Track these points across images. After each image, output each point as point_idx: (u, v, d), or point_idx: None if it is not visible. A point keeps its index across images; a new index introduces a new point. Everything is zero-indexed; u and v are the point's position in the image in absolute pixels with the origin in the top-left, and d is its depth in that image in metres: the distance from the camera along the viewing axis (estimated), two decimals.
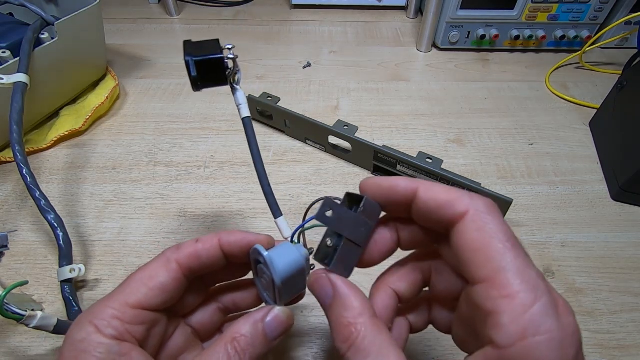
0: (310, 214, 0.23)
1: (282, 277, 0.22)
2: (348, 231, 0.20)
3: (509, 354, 0.15)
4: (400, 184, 0.20)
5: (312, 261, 0.23)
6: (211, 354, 0.20)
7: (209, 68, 0.26)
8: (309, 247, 0.24)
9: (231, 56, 0.26)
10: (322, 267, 0.21)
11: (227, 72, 0.26)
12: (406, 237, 0.22)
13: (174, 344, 0.23)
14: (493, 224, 0.17)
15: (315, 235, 0.23)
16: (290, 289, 0.23)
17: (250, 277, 0.26)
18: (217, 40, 0.26)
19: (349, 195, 0.21)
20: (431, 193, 0.19)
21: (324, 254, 0.21)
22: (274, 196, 0.26)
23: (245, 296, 0.26)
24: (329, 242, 0.21)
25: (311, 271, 0.23)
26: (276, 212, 0.26)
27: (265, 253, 0.22)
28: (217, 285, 0.26)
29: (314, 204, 0.25)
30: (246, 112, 0.27)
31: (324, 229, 0.21)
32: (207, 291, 0.26)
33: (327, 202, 0.20)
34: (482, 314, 0.16)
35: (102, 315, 0.20)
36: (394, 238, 0.22)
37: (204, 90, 0.27)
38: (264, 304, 0.25)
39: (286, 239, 0.25)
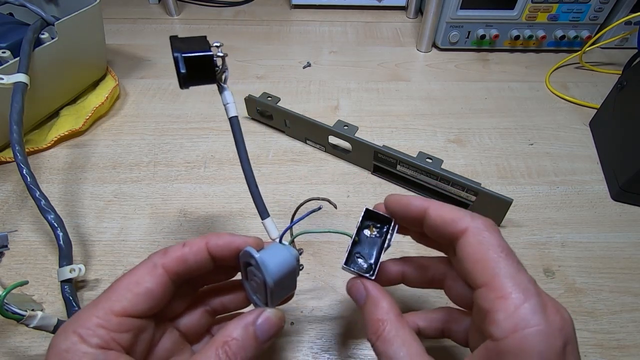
0: (298, 215, 0.25)
1: (274, 278, 0.21)
2: (378, 249, 0.25)
3: (504, 345, 0.17)
4: (413, 202, 0.23)
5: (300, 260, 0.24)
6: (202, 359, 0.20)
7: (198, 65, 0.25)
8: (297, 247, 0.24)
9: (220, 54, 0.25)
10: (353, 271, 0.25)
11: (216, 71, 0.26)
12: (411, 273, 0.26)
13: (162, 348, 0.23)
14: (489, 238, 0.20)
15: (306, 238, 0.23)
16: (282, 290, 0.23)
17: (237, 278, 0.26)
18: (205, 37, 0.26)
19: (367, 211, 0.25)
20: (439, 212, 0.22)
21: (367, 268, 0.25)
22: (261, 197, 0.26)
23: (233, 297, 0.26)
24: (364, 265, 0.25)
25: (351, 279, 0.25)
26: (263, 213, 0.26)
27: (257, 255, 0.21)
28: (205, 287, 0.26)
29: (301, 205, 0.26)
30: (233, 112, 0.27)
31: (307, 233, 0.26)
32: (194, 294, 0.26)
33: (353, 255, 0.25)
34: (482, 313, 0.19)
35: (86, 324, 0.20)
36: (399, 273, 0.26)
37: (194, 88, 0.27)
38: (252, 305, 0.25)
39: (273, 239, 0.25)
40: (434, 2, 0.59)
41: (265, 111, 0.49)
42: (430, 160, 0.41)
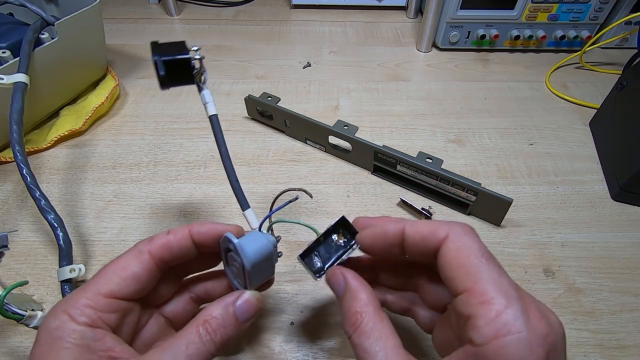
0: (277, 204, 0.26)
1: (251, 262, 0.23)
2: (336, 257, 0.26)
3: (483, 351, 0.17)
4: (389, 227, 0.23)
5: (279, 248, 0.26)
6: (183, 335, 0.21)
7: (176, 68, 0.27)
8: (276, 235, 0.26)
9: (197, 57, 0.27)
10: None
11: (194, 72, 0.27)
12: (386, 274, 0.27)
13: (147, 332, 0.25)
14: (469, 242, 0.20)
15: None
16: (260, 273, 0.24)
17: (221, 268, 0.27)
18: (184, 42, 0.27)
19: (343, 219, 0.26)
20: (415, 228, 0.22)
21: (318, 268, 0.25)
22: (241, 190, 0.27)
23: (217, 285, 0.27)
24: (318, 264, 0.25)
25: (332, 267, 0.25)
26: (244, 204, 0.27)
27: (235, 240, 0.23)
28: (190, 276, 0.27)
29: (279, 196, 0.28)
30: (213, 110, 0.28)
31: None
32: (180, 282, 0.27)
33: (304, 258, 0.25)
34: (463, 319, 0.19)
35: (75, 304, 0.21)
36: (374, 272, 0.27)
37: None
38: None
39: (254, 229, 0.26)
40: (434, 2, 0.59)
41: (265, 111, 0.49)
42: (430, 160, 0.41)
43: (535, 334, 0.17)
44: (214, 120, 0.28)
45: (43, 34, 0.45)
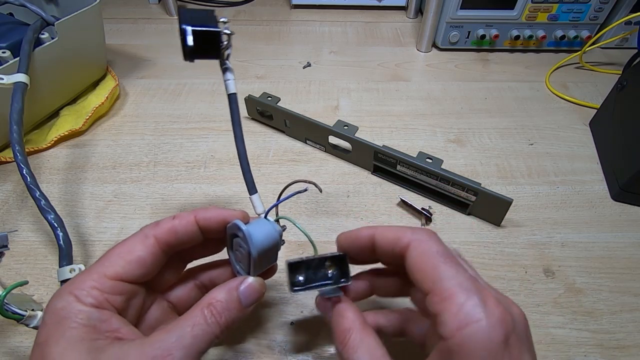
0: (285, 194, 0.26)
1: (258, 249, 0.23)
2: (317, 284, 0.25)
3: (452, 343, 0.19)
4: (361, 233, 0.24)
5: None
6: (189, 317, 0.21)
7: (205, 40, 0.26)
8: (281, 224, 0.26)
9: (228, 31, 0.26)
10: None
11: (221, 47, 0.26)
12: (380, 285, 0.27)
13: (152, 316, 0.25)
14: (430, 247, 0.21)
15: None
16: (264, 261, 0.25)
17: (225, 257, 0.27)
18: (213, 11, 0.27)
19: (346, 256, 0.25)
20: (383, 234, 0.23)
21: (298, 282, 0.25)
22: (251, 174, 0.28)
23: (222, 273, 0.28)
24: (301, 278, 0.25)
25: (318, 296, 0.26)
26: (252, 189, 0.27)
27: (244, 227, 0.23)
28: (196, 264, 0.28)
29: (287, 186, 0.28)
30: (233, 89, 0.28)
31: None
32: (184, 267, 0.27)
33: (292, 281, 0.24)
34: (433, 318, 0.20)
35: (81, 285, 0.21)
36: (367, 287, 0.27)
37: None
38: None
39: (259, 214, 0.26)
40: (434, 2, 0.59)
41: (265, 111, 0.49)
42: (430, 160, 0.41)
43: (494, 319, 0.18)
44: (232, 98, 0.28)
45: (43, 34, 0.45)
